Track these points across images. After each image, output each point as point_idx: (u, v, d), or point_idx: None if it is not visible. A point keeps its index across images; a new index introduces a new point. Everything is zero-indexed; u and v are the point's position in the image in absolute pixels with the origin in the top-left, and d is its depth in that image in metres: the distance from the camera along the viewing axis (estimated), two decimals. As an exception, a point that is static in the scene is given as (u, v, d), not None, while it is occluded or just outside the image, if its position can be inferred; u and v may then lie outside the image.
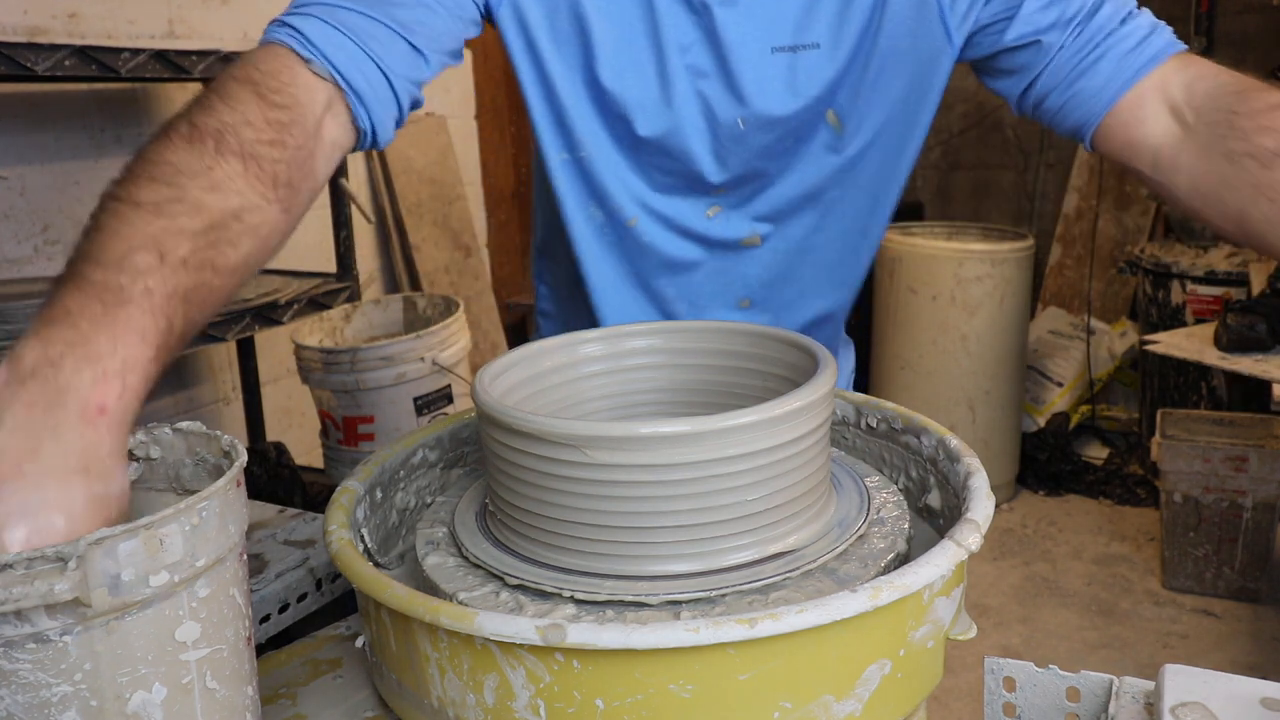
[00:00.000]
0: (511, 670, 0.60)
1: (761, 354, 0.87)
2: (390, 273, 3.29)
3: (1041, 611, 2.75)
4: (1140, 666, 2.46)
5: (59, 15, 2.24)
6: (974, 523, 0.69)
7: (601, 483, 0.69)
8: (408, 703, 0.68)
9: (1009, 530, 3.21)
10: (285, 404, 2.94)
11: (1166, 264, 3.23)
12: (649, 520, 0.69)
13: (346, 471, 2.14)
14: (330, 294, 2.40)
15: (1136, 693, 0.68)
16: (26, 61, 1.75)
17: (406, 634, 0.65)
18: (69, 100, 2.29)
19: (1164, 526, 2.79)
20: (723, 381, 0.90)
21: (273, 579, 0.95)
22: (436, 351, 2.40)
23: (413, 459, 0.92)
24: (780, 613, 0.58)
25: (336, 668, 0.81)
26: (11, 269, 2.20)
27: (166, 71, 2.02)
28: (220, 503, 0.58)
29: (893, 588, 0.61)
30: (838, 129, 0.98)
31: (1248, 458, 2.61)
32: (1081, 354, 3.65)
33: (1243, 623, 2.66)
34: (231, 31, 2.66)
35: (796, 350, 0.83)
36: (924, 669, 0.67)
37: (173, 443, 0.68)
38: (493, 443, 0.75)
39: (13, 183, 2.20)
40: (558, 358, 0.89)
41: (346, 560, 0.70)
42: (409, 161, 3.24)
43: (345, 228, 2.53)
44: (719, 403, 0.88)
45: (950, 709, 2.31)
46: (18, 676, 0.52)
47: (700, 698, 0.59)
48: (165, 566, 0.54)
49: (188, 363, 2.63)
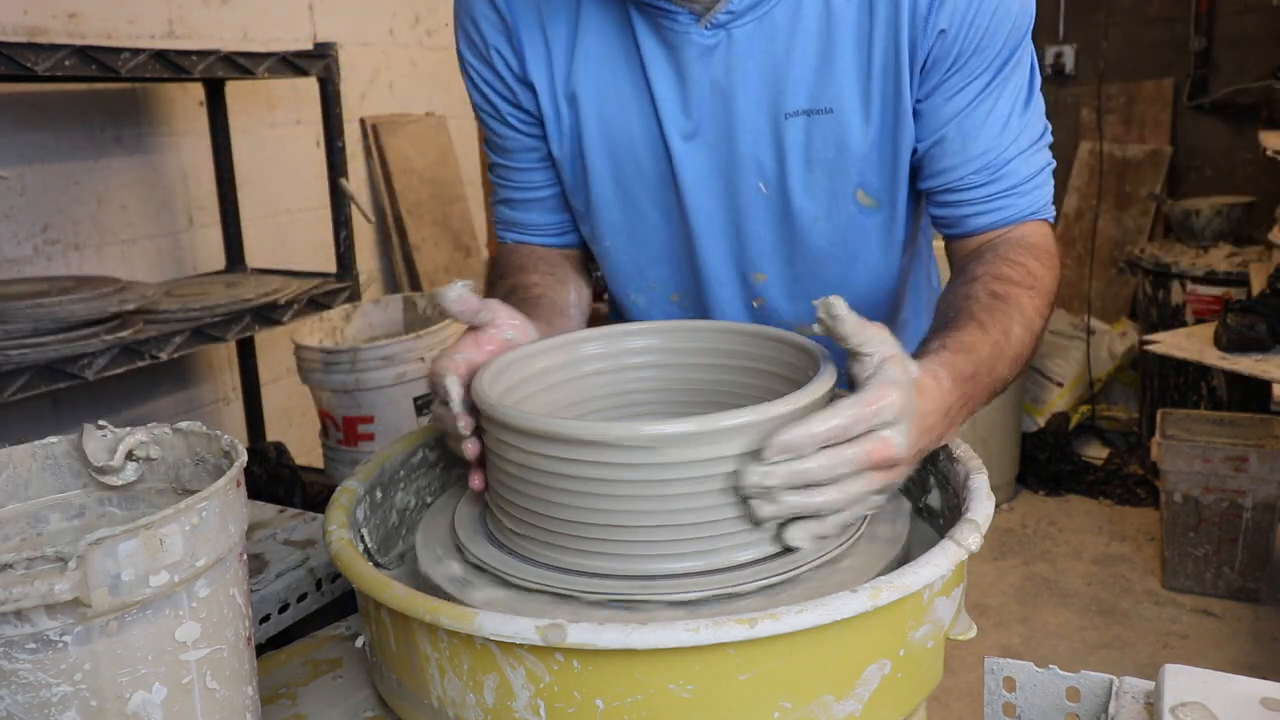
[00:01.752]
0: (511, 670, 0.60)
1: (761, 354, 0.87)
2: (390, 273, 3.29)
3: (1041, 611, 2.75)
4: (1140, 666, 2.46)
5: (59, 15, 2.24)
6: (974, 523, 0.69)
7: (602, 480, 0.68)
8: (408, 703, 0.68)
9: (1009, 530, 3.21)
10: (285, 404, 2.94)
11: (1166, 264, 3.23)
12: (649, 519, 0.69)
13: (346, 471, 2.14)
14: (330, 294, 2.41)
15: (1136, 693, 0.68)
16: (26, 61, 1.75)
17: (406, 634, 0.65)
18: (69, 100, 2.29)
19: (1164, 526, 2.79)
20: (723, 381, 0.90)
21: (273, 579, 0.95)
22: (436, 351, 2.39)
23: (413, 459, 0.92)
24: (780, 613, 0.58)
25: (336, 668, 0.81)
26: (11, 269, 2.20)
27: (166, 71, 2.02)
28: (220, 503, 0.58)
29: (893, 588, 0.61)
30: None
31: (1248, 458, 2.61)
32: (1081, 354, 3.65)
33: (1243, 623, 2.66)
34: (231, 31, 2.66)
35: (796, 350, 0.83)
36: (924, 669, 0.67)
37: (173, 443, 0.68)
38: (494, 442, 0.75)
39: (13, 183, 2.20)
40: (557, 357, 0.89)
41: (346, 560, 0.70)
42: (409, 161, 3.24)
43: (345, 228, 2.53)
44: (718, 402, 0.88)
45: (950, 709, 2.31)
46: (18, 676, 0.52)
47: (700, 698, 0.59)
48: (165, 566, 0.54)
49: (188, 363, 2.63)
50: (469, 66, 1.06)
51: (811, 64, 0.93)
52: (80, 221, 2.34)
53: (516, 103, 1.04)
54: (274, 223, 2.84)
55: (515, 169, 1.09)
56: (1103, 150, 3.87)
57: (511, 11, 1.00)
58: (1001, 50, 0.91)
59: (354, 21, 3.07)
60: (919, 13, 0.89)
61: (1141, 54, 3.82)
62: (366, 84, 3.16)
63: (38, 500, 0.68)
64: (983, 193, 0.96)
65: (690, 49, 0.93)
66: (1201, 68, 3.69)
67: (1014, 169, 0.94)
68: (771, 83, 0.94)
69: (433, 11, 3.40)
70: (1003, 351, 0.85)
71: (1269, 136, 2.92)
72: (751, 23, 0.92)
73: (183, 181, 2.58)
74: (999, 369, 0.84)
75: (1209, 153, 3.79)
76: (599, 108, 0.99)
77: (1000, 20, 0.89)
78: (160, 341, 2.00)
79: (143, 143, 2.47)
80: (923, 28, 0.89)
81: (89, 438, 0.67)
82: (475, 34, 1.03)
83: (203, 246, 2.64)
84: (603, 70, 0.98)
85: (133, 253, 2.47)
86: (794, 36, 0.92)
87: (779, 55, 0.93)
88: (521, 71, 1.02)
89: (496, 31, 1.01)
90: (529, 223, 1.13)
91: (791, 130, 0.95)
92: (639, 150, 1.00)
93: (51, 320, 1.84)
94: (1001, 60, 0.91)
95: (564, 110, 1.01)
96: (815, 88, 0.93)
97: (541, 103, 1.02)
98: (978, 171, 0.94)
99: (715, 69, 0.94)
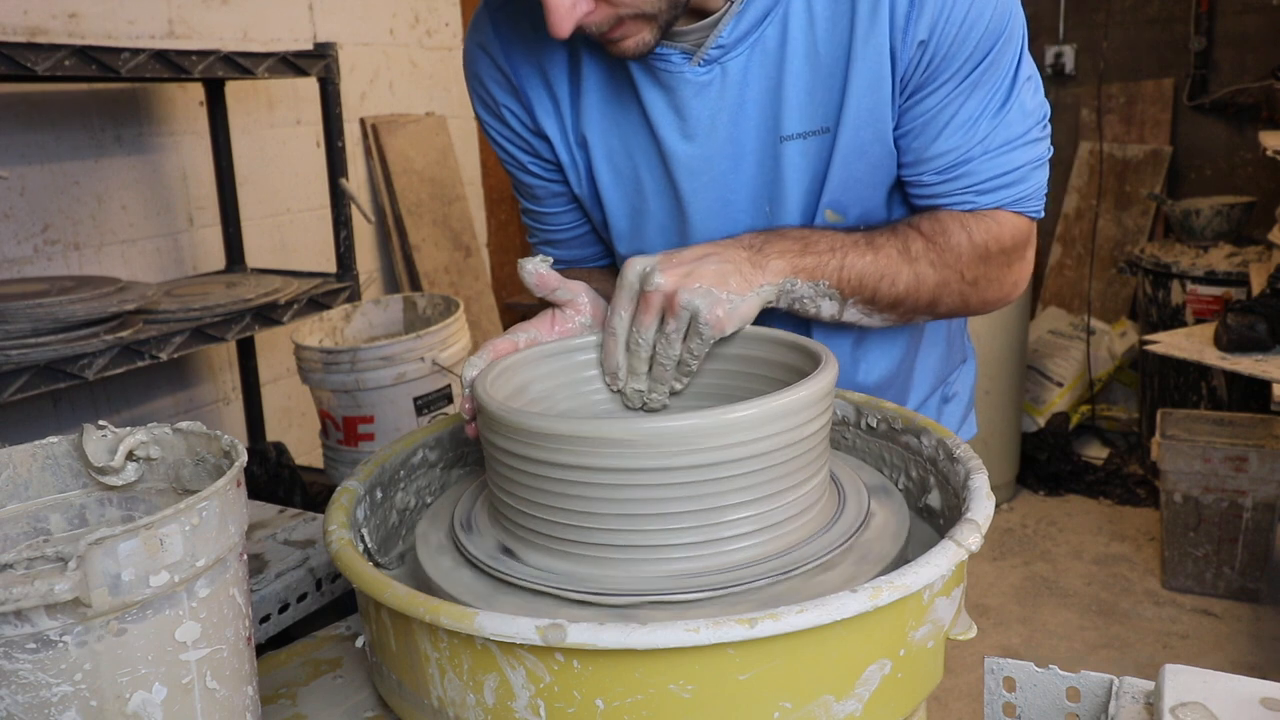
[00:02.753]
0: (511, 670, 0.60)
1: (762, 356, 0.87)
2: (390, 273, 3.29)
3: (1041, 611, 2.75)
4: (1140, 666, 2.46)
5: (59, 15, 2.24)
6: (974, 523, 0.69)
7: (602, 484, 0.68)
8: (408, 703, 0.68)
9: (1009, 530, 3.21)
10: (285, 404, 2.94)
11: (1166, 264, 3.23)
12: (649, 521, 0.69)
13: (346, 471, 2.14)
14: (330, 294, 2.41)
15: (1136, 693, 0.68)
16: (26, 61, 1.75)
17: (406, 634, 0.65)
18: (69, 100, 2.29)
19: (1164, 526, 2.79)
20: (724, 385, 0.90)
21: (273, 579, 0.95)
22: (436, 351, 2.40)
23: (413, 459, 0.92)
24: (780, 613, 0.58)
25: (336, 668, 0.81)
26: (11, 269, 2.21)
27: (166, 71, 2.02)
28: (220, 503, 0.58)
29: (893, 588, 0.61)
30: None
31: (1248, 458, 2.61)
32: (1081, 354, 3.65)
33: (1243, 623, 2.66)
34: (231, 31, 2.66)
35: (797, 351, 0.83)
36: (924, 669, 0.67)
37: (173, 443, 0.68)
38: (496, 440, 0.75)
39: (13, 183, 2.20)
40: (557, 358, 0.89)
41: (346, 560, 0.70)
42: (409, 161, 3.24)
43: (345, 228, 2.53)
44: (720, 403, 0.88)
45: (950, 709, 2.31)
46: (18, 676, 0.52)
47: (700, 698, 0.59)
48: (165, 566, 0.54)
49: (188, 363, 2.63)
50: (486, 125, 1.09)
51: (803, 85, 0.93)
52: (80, 221, 2.34)
53: (535, 153, 1.07)
54: (274, 223, 2.84)
55: (546, 213, 1.13)
56: (1103, 150, 3.87)
57: (513, 67, 1.02)
58: (973, 55, 0.91)
59: (354, 21, 3.07)
60: (897, 25, 0.89)
61: (1141, 54, 3.82)
62: (366, 84, 3.16)
63: (38, 500, 0.68)
64: (938, 189, 0.97)
65: (686, 88, 0.94)
66: (1201, 68, 3.69)
67: (975, 169, 0.95)
68: (768, 107, 0.94)
69: (433, 11, 3.40)
70: (859, 250, 0.92)
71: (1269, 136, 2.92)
72: (743, 53, 0.92)
73: (183, 181, 2.58)
74: (850, 258, 0.91)
75: (1209, 153, 3.79)
76: (607, 150, 1.01)
77: (972, 25, 0.89)
78: (160, 341, 2.00)
79: (143, 143, 2.47)
80: (901, 40, 0.90)
81: (89, 438, 0.67)
82: (484, 93, 1.06)
83: (203, 246, 2.64)
84: (606, 115, 1.00)
85: (133, 253, 2.47)
86: (785, 59, 0.92)
87: (772, 79, 0.93)
88: (533, 124, 1.04)
89: (502, 89, 1.04)
90: (573, 258, 1.17)
91: (789, 153, 0.95)
92: (647, 190, 1.01)
93: (51, 320, 1.84)
94: (972, 64, 0.91)
95: (577, 155, 1.04)
96: (809, 109, 0.94)
97: (557, 150, 1.04)
98: (938, 171, 0.96)
99: (712, 104, 0.94)
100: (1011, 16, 0.92)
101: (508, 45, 1.02)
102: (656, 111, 0.96)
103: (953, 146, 0.94)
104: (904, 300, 0.96)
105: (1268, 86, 3.47)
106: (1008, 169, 0.96)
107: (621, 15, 0.84)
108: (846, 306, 0.93)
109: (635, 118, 0.98)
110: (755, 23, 0.91)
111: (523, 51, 1.01)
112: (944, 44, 0.90)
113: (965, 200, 0.97)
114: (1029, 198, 0.98)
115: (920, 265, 0.95)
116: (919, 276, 0.95)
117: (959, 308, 1.00)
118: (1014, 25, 0.92)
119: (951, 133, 0.94)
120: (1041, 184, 0.99)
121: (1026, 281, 1.04)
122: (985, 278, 0.98)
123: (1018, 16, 0.93)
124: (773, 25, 0.91)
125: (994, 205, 0.97)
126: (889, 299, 0.95)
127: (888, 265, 0.93)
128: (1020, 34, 0.94)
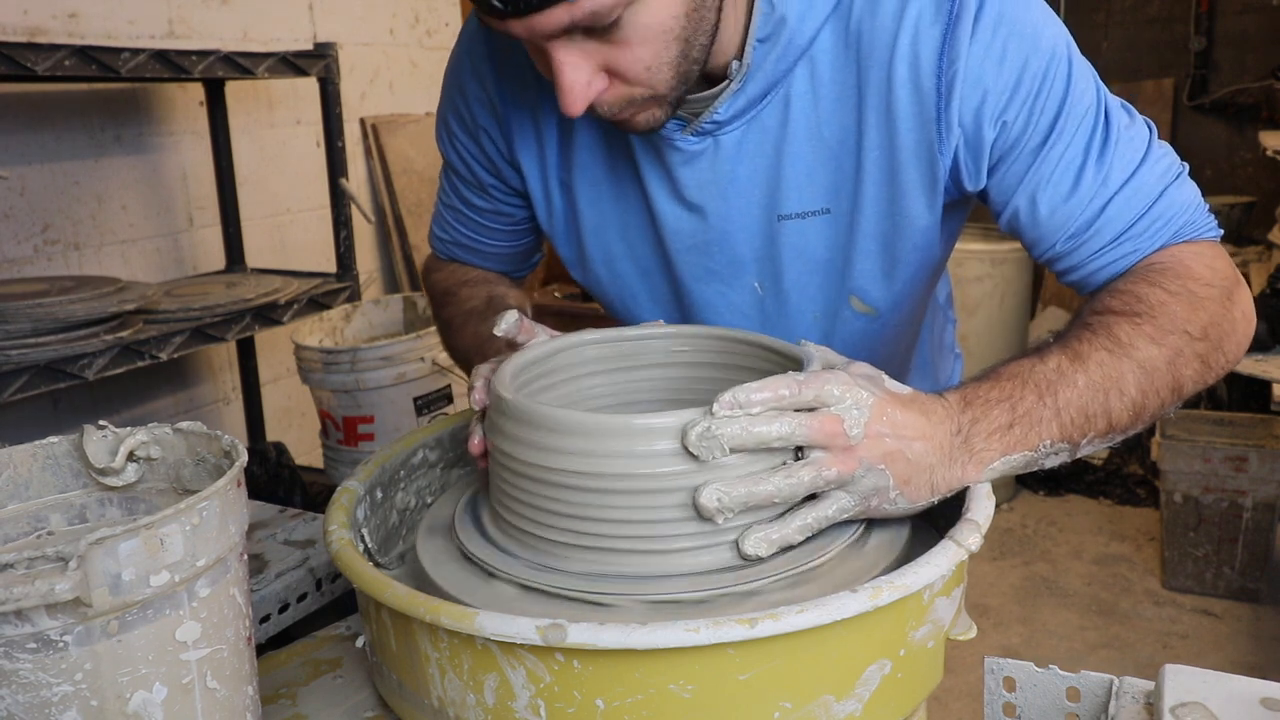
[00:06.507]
0: (512, 670, 0.60)
1: (758, 367, 0.87)
2: (390, 273, 3.29)
3: (1041, 611, 2.75)
4: (1140, 666, 2.46)
5: (59, 15, 2.24)
6: (974, 523, 0.69)
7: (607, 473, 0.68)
8: (408, 703, 0.68)
9: (1009, 530, 3.21)
10: (285, 404, 2.94)
11: (1166, 264, 3.23)
12: (648, 516, 0.69)
13: (346, 471, 2.14)
14: (330, 294, 2.41)
15: (1136, 693, 0.68)
16: (26, 61, 1.75)
17: (406, 634, 0.65)
18: (69, 100, 2.29)
19: (1164, 526, 2.79)
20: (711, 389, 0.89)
21: (273, 579, 0.95)
22: (436, 351, 2.40)
23: (413, 459, 0.92)
24: (780, 613, 0.58)
25: (336, 668, 0.81)
26: (11, 269, 2.21)
27: (166, 71, 2.02)
28: (220, 503, 0.58)
29: (893, 588, 0.61)
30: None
31: (1248, 458, 2.61)
32: (1081, 354, 3.65)
33: (1243, 623, 2.66)
34: (231, 31, 2.66)
35: (795, 364, 0.83)
36: (924, 669, 0.67)
37: (173, 443, 0.68)
38: (503, 439, 0.75)
39: (13, 183, 2.20)
40: (558, 359, 0.89)
41: (346, 560, 0.70)
42: (409, 161, 3.24)
43: (345, 228, 2.53)
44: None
45: (950, 709, 2.31)
46: (18, 676, 0.52)
47: (700, 698, 0.59)
48: (166, 566, 0.54)
49: (188, 363, 2.63)
50: (453, 135, 1.09)
51: (803, 165, 0.90)
52: (80, 221, 2.34)
53: (500, 177, 1.06)
54: (274, 223, 2.84)
55: (483, 226, 1.13)
56: (1103, 150, 3.87)
57: (503, 100, 1.00)
58: (1035, 106, 0.83)
59: (354, 21, 3.07)
60: (926, 109, 0.83)
61: (1141, 54, 3.82)
62: (366, 84, 3.16)
63: (38, 500, 0.68)
64: (1091, 258, 0.87)
65: (675, 155, 0.91)
66: (1201, 68, 3.69)
67: (1111, 217, 0.85)
68: (764, 185, 0.91)
69: (433, 11, 3.40)
70: (1069, 378, 0.76)
71: (1269, 136, 2.92)
72: (739, 129, 0.89)
73: (183, 181, 2.58)
74: (1063, 395, 0.75)
75: (1209, 153, 3.79)
76: (595, 202, 1.00)
77: (1019, 80, 0.82)
78: (160, 341, 2.00)
79: (143, 143, 2.47)
80: (935, 127, 0.83)
81: (89, 438, 0.67)
82: (465, 110, 1.05)
83: (203, 246, 2.64)
84: (597, 170, 0.98)
85: (133, 253, 2.47)
86: (785, 139, 0.89)
87: (769, 158, 0.90)
88: (509, 153, 1.03)
89: (487, 114, 1.03)
90: (485, 267, 1.18)
91: (786, 232, 0.93)
92: (638, 250, 1.01)
93: (51, 320, 1.84)
94: (1048, 122, 0.83)
95: (555, 195, 1.02)
96: (809, 189, 0.91)
97: (529, 184, 1.03)
98: (1072, 237, 0.86)
99: (703, 174, 0.92)
100: (1054, 47, 0.83)
101: (501, 68, 1.00)
102: (649, 173, 0.94)
103: (1069, 205, 0.85)
104: (1142, 401, 0.79)
105: (1268, 86, 3.47)
106: (1148, 201, 0.85)
107: (635, 96, 0.80)
108: (1080, 448, 0.78)
109: (627, 177, 0.97)
110: (753, 101, 0.88)
111: (515, 81, 0.99)
112: (993, 110, 0.83)
113: (1126, 255, 0.86)
114: (1190, 221, 0.86)
115: (1139, 350, 0.79)
116: (1145, 365, 0.79)
117: (1202, 373, 0.82)
118: (1062, 53, 0.84)
119: (1055, 192, 0.85)
120: (1193, 200, 0.87)
121: (1252, 309, 0.88)
122: (1211, 323, 0.82)
123: (1061, 40, 0.84)
124: (773, 104, 0.88)
125: (1159, 245, 0.86)
126: (1124, 413, 0.78)
127: (1105, 375, 0.77)
128: (1075, 60, 0.85)
